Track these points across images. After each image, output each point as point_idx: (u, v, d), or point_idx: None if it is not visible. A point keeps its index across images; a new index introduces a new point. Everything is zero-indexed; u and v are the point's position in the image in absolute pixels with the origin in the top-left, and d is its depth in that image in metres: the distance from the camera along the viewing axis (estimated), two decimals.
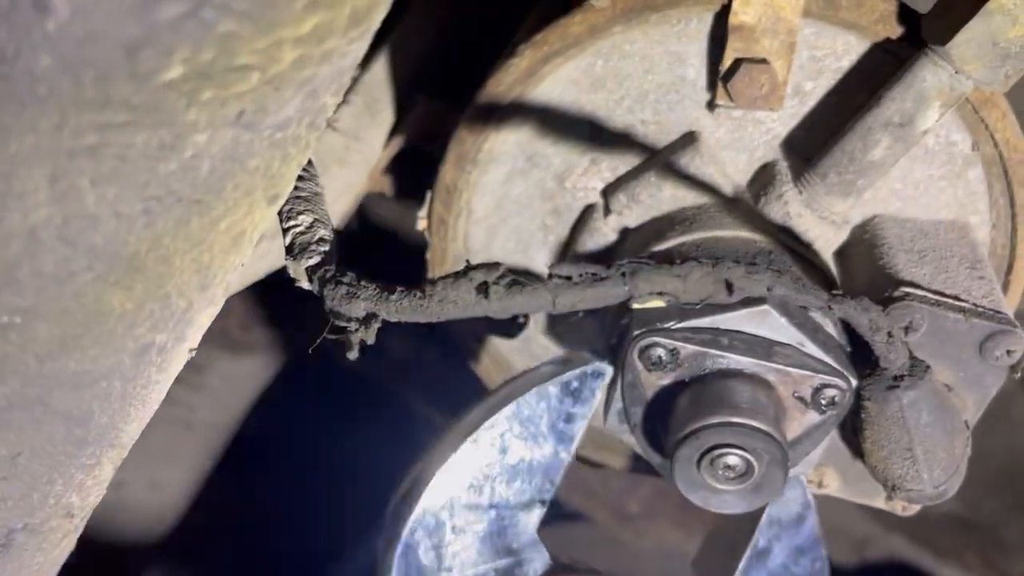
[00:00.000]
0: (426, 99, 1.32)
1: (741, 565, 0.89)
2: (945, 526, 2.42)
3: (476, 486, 0.81)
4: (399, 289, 0.71)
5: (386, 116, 1.29)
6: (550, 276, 0.68)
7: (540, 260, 1.10)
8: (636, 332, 0.83)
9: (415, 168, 1.32)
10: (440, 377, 2.28)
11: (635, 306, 0.69)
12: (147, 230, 0.53)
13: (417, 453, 0.85)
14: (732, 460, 0.81)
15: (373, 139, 1.24)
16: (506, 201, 1.07)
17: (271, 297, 2.26)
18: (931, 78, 0.85)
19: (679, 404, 0.85)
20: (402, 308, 0.70)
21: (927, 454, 0.85)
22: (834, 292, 0.76)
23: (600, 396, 0.85)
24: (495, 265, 0.68)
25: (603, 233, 1.03)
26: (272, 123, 0.52)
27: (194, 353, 0.72)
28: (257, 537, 2.79)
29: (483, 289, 0.68)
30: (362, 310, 0.71)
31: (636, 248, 0.98)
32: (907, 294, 0.87)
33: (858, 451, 0.92)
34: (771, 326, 0.83)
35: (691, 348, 0.82)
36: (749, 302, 0.83)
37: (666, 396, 0.87)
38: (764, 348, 0.83)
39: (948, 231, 0.99)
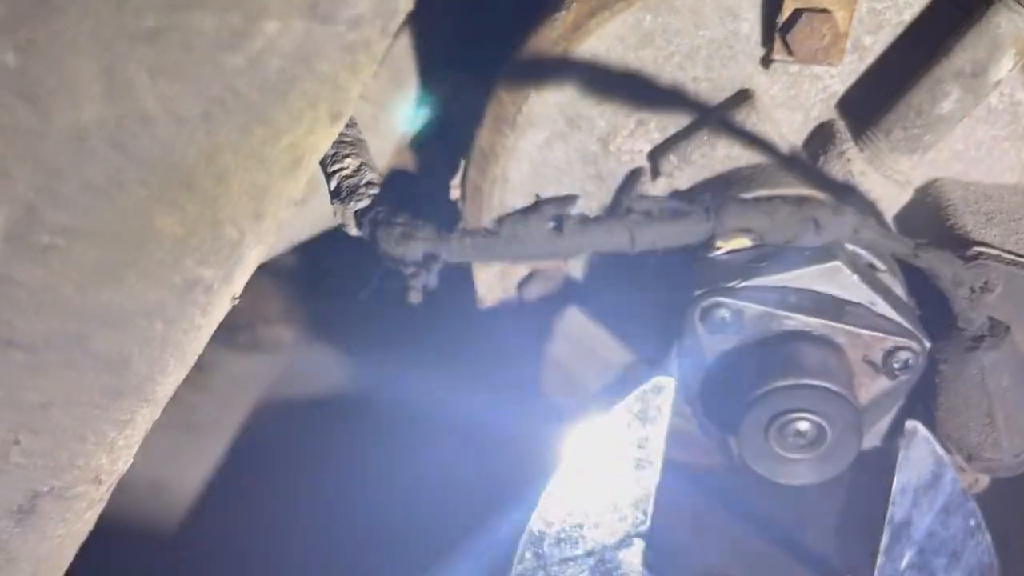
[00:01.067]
0: (452, 71, 1.27)
1: (882, 545, 0.81)
2: None
3: (565, 539, 0.76)
4: (460, 229, 0.66)
5: (412, 87, 1.24)
6: (628, 210, 0.63)
7: None
8: (697, 292, 0.79)
9: (439, 145, 1.28)
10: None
11: (718, 244, 0.64)
12: (207, 139, 0.48)
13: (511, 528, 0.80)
14: (803, 426, 0.76)
15: (400, 109, 1.19)
16: (544, 167, 1.02)
17: (279, 292, 2.20)
18: (1006, 24, 0.81)
19: (744, 368, 0.80)
20: (465, 247, 0.65)
21: (1007, 420, 0.80)
22: (919, 241, 0.72)
23: (668, 410, 0.78)
24: (569, 198, 0.63)
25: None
26: (346, 17, 0.47)
27: (237, 301, 0.67)
28: (261, 542, 2.72)
29: (557, 224, 0.62)
30: (420, 251, 0.66)
31: None
32: (981, 253, 0.83)
33: (928, 421, 0.87)
34: (841, 284, 0.79)
35: (757, 308, 0.78)
36: (819, 258, 0.79)
37: (728, 362, 0.83)
38: (834, 308, 0.79)
39: (1013, 194, 0.95)
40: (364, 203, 0.69)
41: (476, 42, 1.41)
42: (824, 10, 0.86)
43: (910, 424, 0.82)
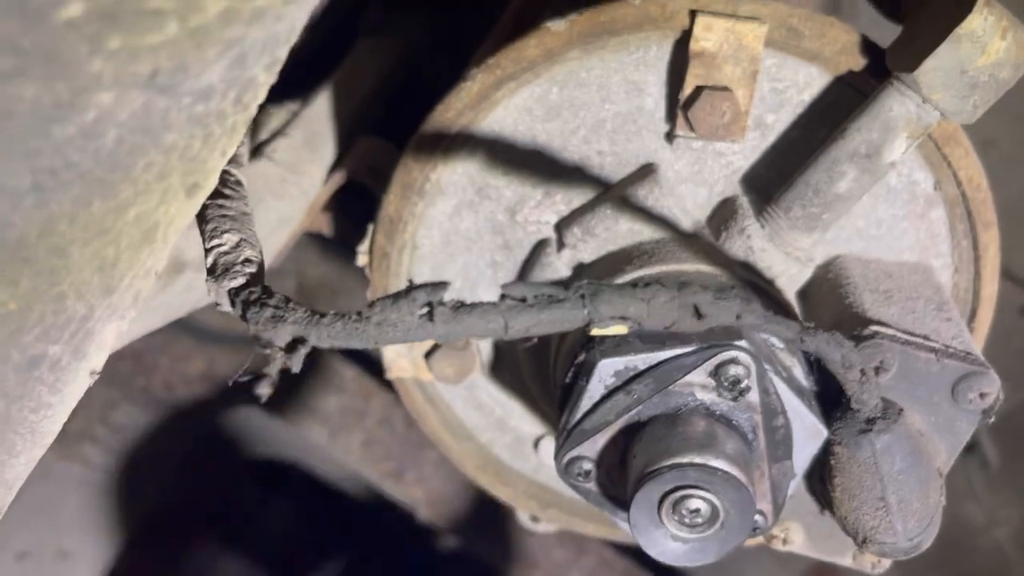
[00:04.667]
0: (370, 137, 1.26)
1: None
2: None
3: None
4: (332, 312, 0.64)
5: (327, 152, 1.23)
6: (503, 297, 0.62)
7: (488, 299, 1.03)
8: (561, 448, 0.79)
9: (356, 208, 1.26)
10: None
11: (595, 332, 0.63)
12: (37, 211, 0.45)
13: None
14: (695, 504, 0.74)
15: (312, 173, 1.17)
16: (454, 235, 1.01)
17: (199, 349, 2.14)
18: (898, 107, 0.83)
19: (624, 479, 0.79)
20: (335, 332, 0.62)
21: (901, 503, 0.79)
22: (806, 324, 0.71)
23: None
24: (441, 284, 0.61)
25: (556, 269, 0.97)
26: (192, 89, 0.45)
27: (96, 376, 0.63)
28: None
29: (428, 311, 0.61)
30: (289, 334, 0.63)
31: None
32: (876, 332, 0.83)
33: (825, 502, 0.86)
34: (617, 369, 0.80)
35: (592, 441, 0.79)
36: (588, 368, 0.79)
37: (612, 478, 0.82)
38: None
39: (912, 273, 0.95)
40: (238, 282, 0.66)
41: (394, 107, 1.41)
42: (725, 88, 0.87)
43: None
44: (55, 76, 0.41)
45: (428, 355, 1.07)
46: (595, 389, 0.80)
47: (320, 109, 1.26)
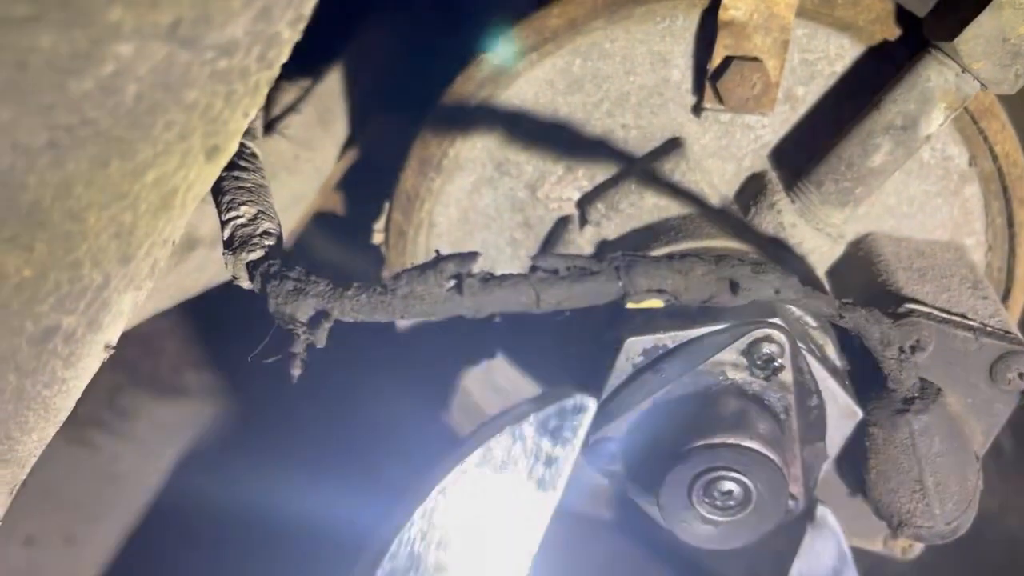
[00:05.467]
0: (384, 113, 1.24)
1: None
2: None
3: (444, 543, 0.71)
4: (356, 284, 0.61)
5: (340, 128, 1.20)
6: (533, 268, 0.59)
7: None
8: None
9: (369, 187, 1.23)
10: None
11: (630, 305, 0.60)
12: (53, 171, 0.43)
13: (385, 511, 0.74)
14: (727, 486, 0.72)
15: (325, 150, 1.15)
16: (472, 212, 0.98)
17: (207, 335, 2.12)
18: (936, 77, 0.80)
19: (663, 430, 0.76)
20: (359, 305, 0.60)
21: (939, 486, 0.77)
22: (844, 300, 0.69)
23: (583, 435, 0.74)
24: (470, 255, 0.58)
25: (578, 246, 0.94)
26: (215, 42, 0.43)
27: (112, 351, 0.61)
28: None
29: (456, 283, 0.58)
30: (311, 308, 0.61)
31: None
32: (913, 310, 0.80)
33: (858, 485, 0.84)
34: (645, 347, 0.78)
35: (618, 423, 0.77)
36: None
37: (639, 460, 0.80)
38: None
39: (945, 251, 0.93)
40: (257, 254, 0.64)
41: (408, 82, 1.38)
42: (755, 59, 0.84)
43: (821, 511, 0.80)
44: (72, 24, 0.38)
45: None
46: (622, 368, 0.78)
47: (332, 85, 1.23)
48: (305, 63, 1.30)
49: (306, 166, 1.09)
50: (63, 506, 2.26)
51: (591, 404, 0.73)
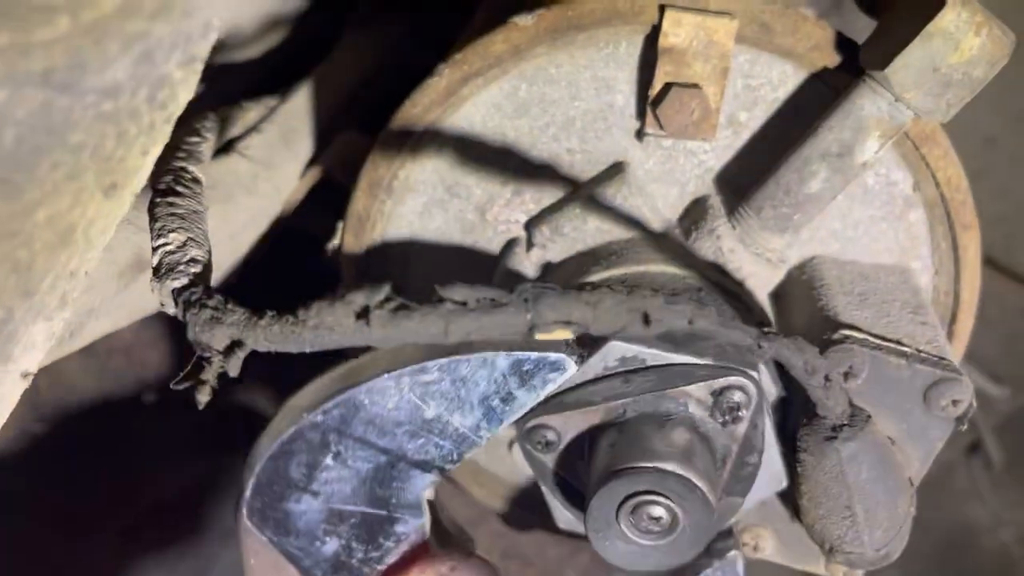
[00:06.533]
0: (347, 132, 1.25)
1: None
2: None
3: (377, 425, 0.71)
4: (270, 313, 0.62)
5: (304, 148, 1.21)
6: (442, 300, 0.60)
7: None
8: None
9: (334, 205, 1.24)
10: None
11: (539, 336, 0.61)
12: None
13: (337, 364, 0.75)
14: (658, 511, 0.72)
15: (287, 170, 1.16)
16: (423, 234, 0.99)
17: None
18: (869, 106, 0.80)
19: (586, 466, 0.78)
20: (272, 335, 0.61)
21: (868, 513, 0.77)
22: (765, 329, 0.69)
23: (551, 390, 0.74)
24: (378, 287, 0.59)
25: (524, 268, 0.95)
26: (95, 86, 0.44)
27: (30, 377, 0.62)
28: None
29: (364, 314, 0.59)
30: (227, 337, 0.62)
31: (557, 283, 0.91)
32: (847, 337, 0.81)
33: (796, 510, 0.84)
34: (632, 357, 0.78)
35: (571, 415, 0.76)
36: (595, 342, 0.77)
37: (572, 462, 0.80)
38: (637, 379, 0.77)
39: (889, 275, 0.93)
40: (181, 282, 0.65)
41: (377, 101, 1.39)
42: (694, 85, 0.85)
43: (732, 555, 0.80)
44: None
45: None
46: (594, 366, 0.77)
47: (298, 104, 1.25)
48: (275, 84, 1.32)
49: (265, 186, 1.10)
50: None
51: (571, 368, 0.72)
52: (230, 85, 1.38)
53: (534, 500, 1.16)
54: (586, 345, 0.75)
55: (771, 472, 0.82)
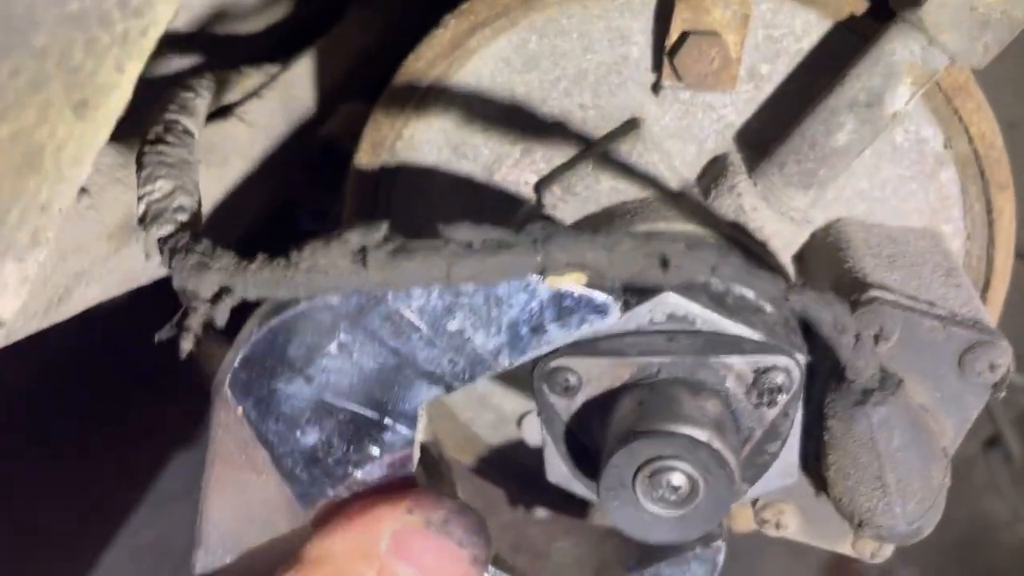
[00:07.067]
0: (352, 103, 1.21)
1: None
2: None
3: (394, 322, 0.64)
4: (260, 257, 0.58)
5: (303, 116, 1.17)
6: (446, 241, 0.55)
7: None
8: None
9: (332, 175, 1.20)
10: None
11: (548, 283, 0.56)
12: None
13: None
14: (679, 479, 0.68)
15: (285, 138, 1.11)
16: (430, 195, 0.95)
17: None
18: (901, 50, 0.75)
19: (601, 423, 0.73)
20: (261, 280, 0.57)
21: (900, 483, 0.72)
22: (793, 283, 0.64)
23: (586, 333, 0.67)
24: (376, 225, 0.55)
25: None
26: None
27: (3, 330, 0.58)
28: None
29: (361, 255, 0.54)
30: (215, 284, 0.57)
31: None
32: (876, 297, 0.76)
33: (821, 483, 0.79)
34: (683, 315, 0.72)
35: (600, 361, 0.71)
36: (645, 291, 0.72)
37: (585, 420, 0.75)
38: (677, 342, 0.72)
39: (919, 238, 0.88)
40: (167, 229, 0.61)
41: (383, 75, 1.35)
42: (713, 33, 0.80)
43: (716, 544, 0.76)
44: None
45: None
46: (639, 316, 0.72)
47: (301, 73, 1.20)
48: (277, 54, 1.27)
49: (262, 152, 1.06)
50: None
51: (614, 314, 0.65)
52: (232, 58, 1.34)
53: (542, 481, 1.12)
54: (635, 294, 0.69)
55: (785, 464, 0.78)
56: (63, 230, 0.82)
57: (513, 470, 1.13)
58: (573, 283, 0.57)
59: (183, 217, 0.64)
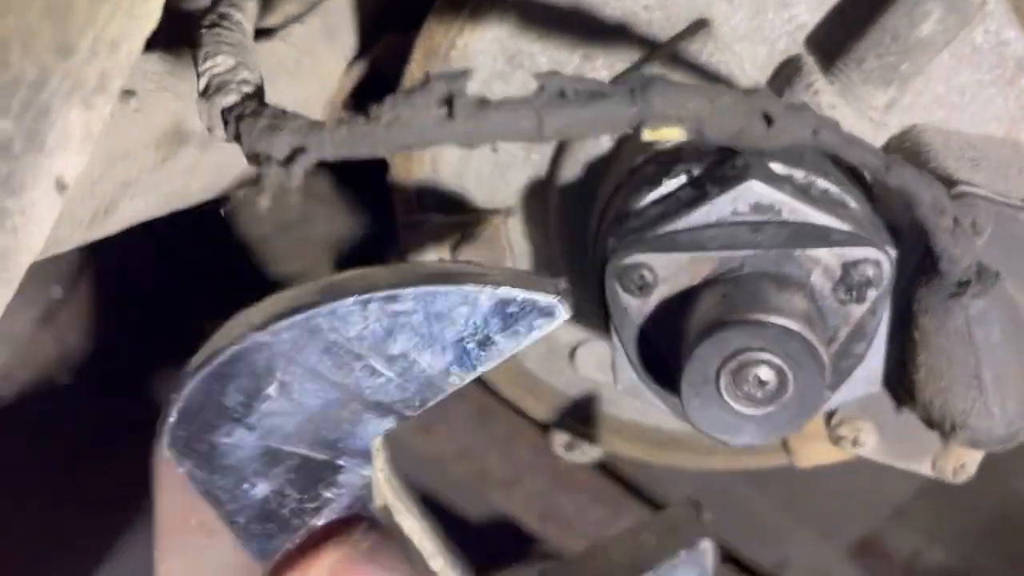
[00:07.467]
0: (394, 34, 1.17)
1: None
2: None
3: (333, 356, 0.60)
4: (337, 118, 0.55)
5: (346, 44, 1.13)
6: (540, 89, 0.52)
7: (521, 182, 0.94)
8: (610, 251, 0.69)
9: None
10: None
11: (645, 136, 0.53)
12: None
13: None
14: (767, 373, 0.64)
15: (328, 60, 1.08)
16: None
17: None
18: None
19: (680, 321, 0.69)
20: (338, 139, 0.53)
21: (998, 381, 0.68)
22: (892, 156, 0.61)
23: (536, 338, 0.63)
24: (462, 72, 0.52)
25: (596, 143, 0.87)
26: None
27: (65, 195, 0.55)
28: None
29: (448, 103, 0.51)
30: (287, 145, 0.54)
31: (636, 152, 0.83)
32: (967, 192, 0.72)
33: (906, 390, 0.75)
34: (767, 204, 0.69)
35: (678, 256, 0.68)
36: (727, 181, 0.68)
37: (661, 319, 0.72)
38: (764, 233, 0.69)
39: (999, 146, 0.84)
40: (232, 99, 0.58)
41: (421, 10, 1.31)
42: None
43: (704, 545, 0.72)
44: None
45: (454, 250, 0.97)
46: (722, 207, 0.70)
47: (340, 1, 1.17)
48: None
49: (307, 71, 1.03)
50: None
51: (561, 315, 0.61)
52: None
53: (590, 415, 1.09)
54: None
55: (870, 369, 0.74)
56: (110, 133, 0.79)
57: (562, 406, 1.09)
58: (670, 137, 0.53)
59: (247, 89, 0.61)
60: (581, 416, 1.09)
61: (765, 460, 1.06)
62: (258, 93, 0.61)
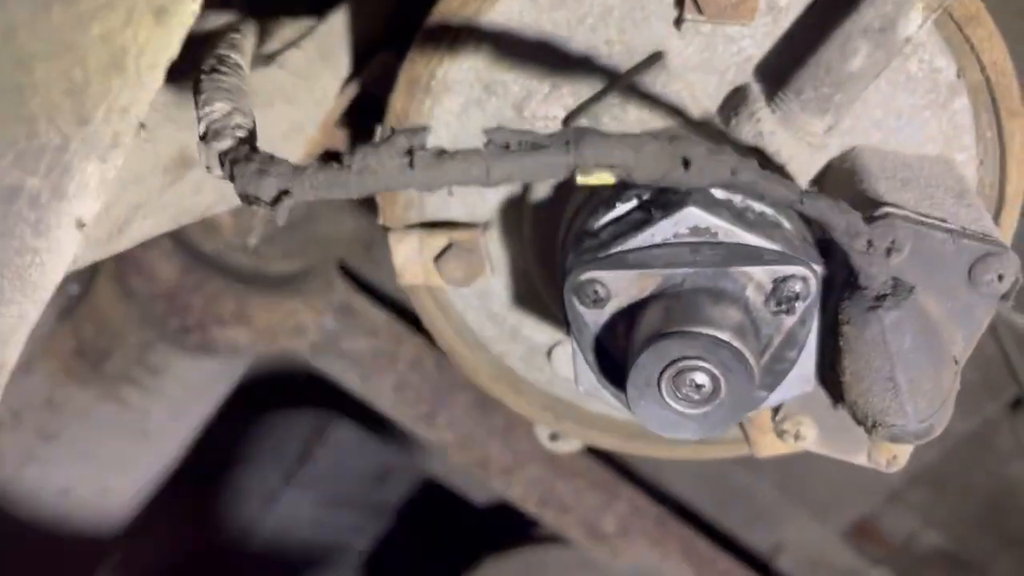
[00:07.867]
0: (386, 53, 1.25)
1: None
2: (932, 562, 2.32)
3: None
4: (315, 164, 0.63)
5: (341, 66, 1.22)
6: (487, 143, 0.60)
7: (498, 200, 1.03)
8: (570, 265, 0.77)
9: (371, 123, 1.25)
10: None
11: (579, 180, 0.61)
12: None
13: None
14: (702, 378, 0.73)
15: (325, 84, 1.17)
16: (463, 135, 1.00)
17: (231, 290, 2.17)
18: None
19: (629, 330, 0.78)
20: (318, 183, 0.62)
21: (911, 383, 0.76)
22: (808, 189, 0.69)
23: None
24: (422, 129, 0.60)
25: None
26: None
27: (84, 228, 0.64)
28: (210, 550, 2.66)
29: (408, 155, 0.60)
30: (273, 188, 0.63)
31: None
32: (889, 213, 0.80)
33: (837, 392, 0.84)
34: (705, 227, 0.77)
35: (627, 273, 0.76)
36: (670, 206, 0.76)
37: (613, 330, 0.81)
38: (700, 253, 0.77)
39: (933, 164, 0.92)
40: (227, 143, 0.67)
41: (411, 30, 1.39)
42: None
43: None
44: None
45: (438, 258, 1.06)
46: (665, 229, 0.78)
47: (336, 25, 1.26)
48: (311, 7, 1.32)
49: (304, 96, 1.12)
50: (99, 462, 2.33)
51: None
52: (271, 13, 1.39)
53: (574, 410, 1.17)
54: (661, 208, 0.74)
55: (803, 372, 0.82)
56: (123, 161, 0.88)
57: (544, 403, 1.18)
58: (603, 181, 0.61)
59: (241, 134, 0.70)
60: (561, 410, 1.18)
61: (729, 450, 1.14)
62: (250, 138, 0.69)
